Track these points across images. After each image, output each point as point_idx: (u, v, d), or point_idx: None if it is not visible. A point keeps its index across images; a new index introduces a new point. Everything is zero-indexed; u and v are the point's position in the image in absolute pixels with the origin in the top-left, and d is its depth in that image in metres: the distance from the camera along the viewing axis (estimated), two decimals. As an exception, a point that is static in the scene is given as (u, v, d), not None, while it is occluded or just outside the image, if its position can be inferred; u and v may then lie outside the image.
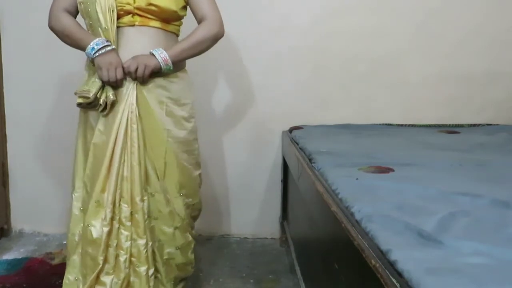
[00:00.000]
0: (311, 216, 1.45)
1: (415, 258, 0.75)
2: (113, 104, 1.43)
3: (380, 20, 2.30)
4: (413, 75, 2.35)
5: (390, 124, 2.33)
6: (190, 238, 1.60)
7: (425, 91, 2.36)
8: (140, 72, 1.41)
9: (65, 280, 1.51)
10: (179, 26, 1.57)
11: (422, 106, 2.38)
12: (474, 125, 2.33)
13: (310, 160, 1.59)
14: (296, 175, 1.73)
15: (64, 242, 2.19)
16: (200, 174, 1.66)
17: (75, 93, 1.44)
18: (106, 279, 1.43)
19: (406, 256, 0.76)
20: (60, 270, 1.53)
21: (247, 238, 2.50)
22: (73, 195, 1.52)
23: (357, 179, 1.24)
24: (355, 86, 2.35)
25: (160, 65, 1.42)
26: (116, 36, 1.42)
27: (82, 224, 1.47)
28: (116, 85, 1.42)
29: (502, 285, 0.68)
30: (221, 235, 2.51)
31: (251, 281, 2.02)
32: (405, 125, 2.33)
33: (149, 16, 1.45)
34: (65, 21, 1.47)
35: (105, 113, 1.44)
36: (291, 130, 2.27)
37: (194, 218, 1.68)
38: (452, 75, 2.35)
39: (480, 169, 1.39)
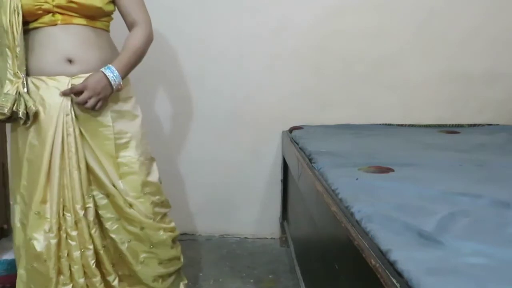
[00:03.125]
0: (311, 216, 1.45)
1: (415, 258, 0.75)
2: (37, 113, 1.33)
3: (380, 20, 2.29)
4: (413, 75, 2.35)
5: (390, 124, 2.33)
6: (164, 236, 1.49)
7: (425, 91, 2.36)
8: (90, 105, 1.33)
9: None
10: (108, 22, 1.46)
11: (422, 106, 2.38)
12: (474, 125, 2.33)
13: (310, 160, 1.59)
14: (296, 175, 1.73)
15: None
16: (157, 169, 1.55)
17: None
18: None
19: (406, 256, 0.76)
20: (60, 270, 1.52)
21: (247, 238, 2.50)
22: (15, 206, 1.45)
23: (357, 179, 1.24)
24: (355, 86, 2.35)
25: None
26: (22, 39, 1.31)
27: (23, 237, 1.40)
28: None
29: (502, 285, 0.68)
30: (221, 235, 2.51)
31: (251, 281, 2.02)
32: (405, 125, 2.33)
33: (71, 13, 1.34)
34: None
35: (27, 125, 1.34)
36: (291, 130, 2.27)
37: (165, 214, 1.57)
38: (452, 75, 2.35)
39: (480, 169, 1.39)
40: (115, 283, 1.45)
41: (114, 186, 1.41)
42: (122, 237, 1.44)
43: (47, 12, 1.33)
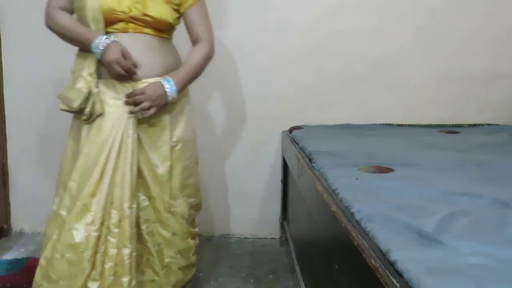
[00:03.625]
0: (311, 216, 1.45)
1: (415, 258, 0.75)
2: (102, 112, 1.41)
3: (380, 20, 2.29)
4: (413, 75, 2.35)
5: (390, 124, 2.33)
6: (191, 243, 1.60)
7: (425, 91, 2.36)
8: (143, 107, 1.40)
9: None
10: (172, 31, 1.59)
11: (422, 106, 2.38)
12: (474, 125, 2.33)
13: (310, 160, 1.59)
14: (296, 175, 1.73)
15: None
16: (198, 173, 1.68)
17: (59, 97, 1.41)
18: (93, 285, 1.37)
19: (406, 256, 0.76)
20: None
21: (247, 238, 2.50)
22: (55, 198, 1.48)
23: (357, 179, 1.24)
24: (355, 86, 2.35)
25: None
26: None
27: (60, 228, 1.39)
28: (129, 76, 1.42)
29: (502, 285, 0.68)
30: (221, 235, 2.51)
31: (251, 281, 2.02)
32: (405, 125, 2.33)
33: (143, 24, 1.46)
34: (62, 18, 1.46)
35: (88, 122, 1.42)
36: (291, 130, 2.27)
37: (195, 216, 1.69)
38: (452, 75, 2.35)
39: (480, 169, 1.39)
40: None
41: (162, 186, 1.49)
42: (154, 240, 1.50)
43: (121, 20, 1.43)
